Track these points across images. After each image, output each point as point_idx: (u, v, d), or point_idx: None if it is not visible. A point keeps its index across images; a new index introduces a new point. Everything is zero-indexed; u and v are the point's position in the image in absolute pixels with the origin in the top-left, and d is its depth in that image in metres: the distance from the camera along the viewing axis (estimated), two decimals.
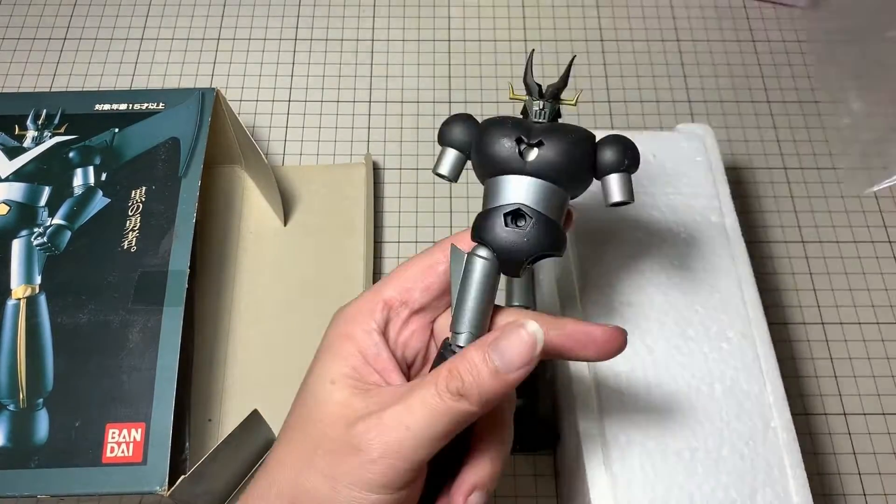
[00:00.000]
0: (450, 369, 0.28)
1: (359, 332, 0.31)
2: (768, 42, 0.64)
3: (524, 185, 0.30)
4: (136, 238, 0.45)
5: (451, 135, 0.32)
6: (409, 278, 0.32)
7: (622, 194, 0.30)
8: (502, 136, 0.30)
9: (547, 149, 0.29)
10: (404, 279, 0.32)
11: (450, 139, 0.32)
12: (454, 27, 0.64)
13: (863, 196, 0.56)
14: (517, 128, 0.30)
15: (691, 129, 0.47)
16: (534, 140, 0.30)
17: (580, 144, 0.30)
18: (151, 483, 0.38)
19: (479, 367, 0.28)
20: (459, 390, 0.27)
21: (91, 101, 0.50)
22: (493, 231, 0.29)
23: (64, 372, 0.41)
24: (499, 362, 0.28)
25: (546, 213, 0.29)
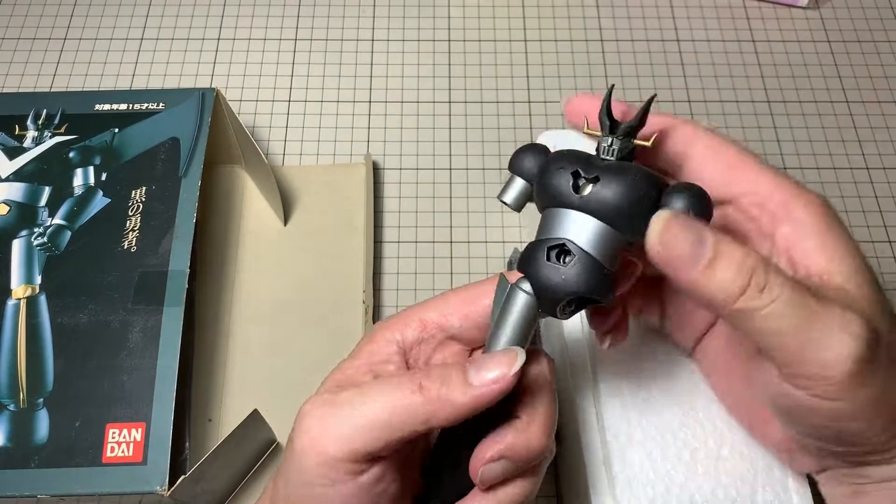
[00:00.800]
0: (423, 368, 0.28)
1: (380, 339, 0.30)
2: (768, 42, 0.64)
3: (574, 220, 0.28)
4: (136, 238, 0.45)
5: (520, 163, 0.30)
6: (451, 304, 0.30)
7: None
8: (560, 168, 0.28)
9: (602, 185, 0.27)
10: (446, 304, 0.31)
11: (518, 167, 0.30)
12: (454, 27, 0.64)
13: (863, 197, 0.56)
14: (578, 161, 0.28)
15: None
16: (591, 175, 0.28)
17: (639, 185, 0.27)
18: (151, 483, 0.38)
19: (449, 371, 0.27)
20: (422, 382, 0.27)
21: (91, 101, 0.50)
22: (535, 264, 0.28)
23: (64, 372, 0.41)
24: (472, 371, 0.27)
25: (593, 252, 0.27)
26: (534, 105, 0.60)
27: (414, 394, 0.26)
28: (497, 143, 0.58)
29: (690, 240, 0.25)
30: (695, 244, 0.25)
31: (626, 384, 0.38)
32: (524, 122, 0.59)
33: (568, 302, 0.28)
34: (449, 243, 0.54)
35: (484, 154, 0.58)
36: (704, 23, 0.65)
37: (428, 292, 0.52)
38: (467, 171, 0.57)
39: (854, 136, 0.59)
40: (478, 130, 0.59)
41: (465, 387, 0.26)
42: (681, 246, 0.25)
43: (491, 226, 0.55)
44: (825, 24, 0.64)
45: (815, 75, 0.62)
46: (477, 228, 0.55)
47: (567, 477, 0.44)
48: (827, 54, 0.63)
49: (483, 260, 0.53)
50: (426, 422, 0.26)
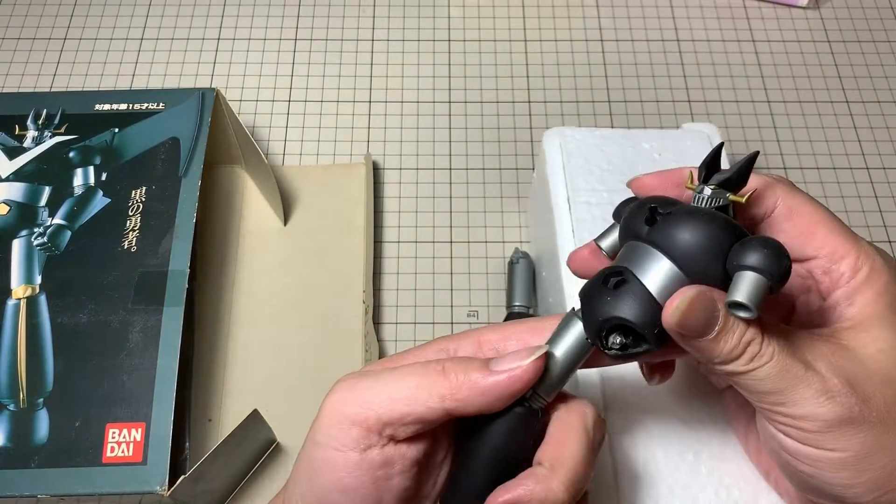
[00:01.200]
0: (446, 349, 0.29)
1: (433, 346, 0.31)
2: (768, 42, 0.64)
3: (639, 251, 0.27)
4: (136, 238, 0.45)
5: (621, 210, 0.30)
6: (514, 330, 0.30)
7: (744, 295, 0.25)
8: (643, 204, 0.28)
9: (672, 219, 0.26)
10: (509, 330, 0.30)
11: (618, 214, 0.30)
12: (454, 27, 0.64)
13: (863, 197, 0.56)
14: (664, 203, 0.27)
15: (697, 127, 0.47)
16: (666, 210, 0.27)
17: (710, 227, 0.26)
18: (151, 483, 0.38)
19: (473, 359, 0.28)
20: (445, 365, 0.27)
21: (91, 101, 0.50)
22: (588, 288, 0.28)
23: (64, 372, 0.41)
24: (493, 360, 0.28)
25: (648, 284, 0.26)
26: (534, 105, 0.60)
27: (437, 373, 0.27)
28: (497, 143, 0.58)
29: (703, 317, 0.26)
30: (706, 320, 0.26)
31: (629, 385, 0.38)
32: (524, 122, 0.59)
33: (613, 332, 0.27)
34: (449, 243, 0.54)
35: (484, 154, 0.58)
36: (704, 23, 0.65)
37: (428, 292, 0.52)
38: (467, 171, 0.57)
39: (854, 136, 0.59)
40: (478, 130, 0.59)
41: (485, 371, 0.27)
42: (694, 324, 0.26)
43: (491, 226, 0.55)
44: (825, 24, 0.65)
45: (815, 75, 0.62)
46: (477, 228, 0.55)
47: None
48: (827, 54, 0.63)
49: (483, 260, 0.53)
50: (443, 398, 0.27)
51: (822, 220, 0.30)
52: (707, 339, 0.26)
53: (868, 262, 0.29)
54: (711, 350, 0.27)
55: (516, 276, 0.50)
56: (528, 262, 0.51)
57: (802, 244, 0.30)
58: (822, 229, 0.30)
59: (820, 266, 0.30)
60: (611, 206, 0.31)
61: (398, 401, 0.27)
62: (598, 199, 0.43)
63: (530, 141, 0.58)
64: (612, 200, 0.43)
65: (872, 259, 0.29)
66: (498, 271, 0.53)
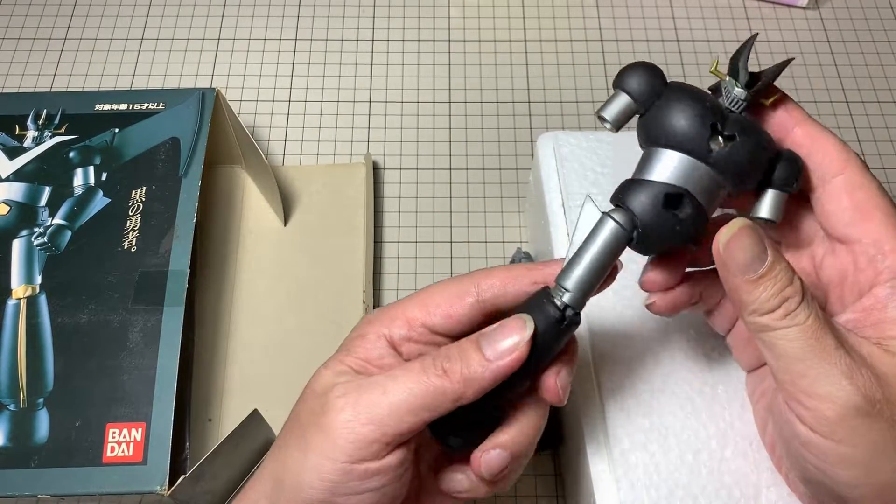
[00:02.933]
0: (440, 350, 0.29)
1: (371, 335, 0.31)
2: (768, 42, 0.64)
3: (700, 173, 0.28)
4: (136, 238, 0.45)
5: (632, 81, 0.29)
6: (435, 301, 0.31)
7: (774, 213, 0.29)
8: (697, 115, 0.27)
9: (739, 146, 0.27)
10: (430, 301, 0.31)
11: (628, 85, 0.29)
12: (454, 27, 0.64)
13: None
14: (714, 112, 0.28)
15: None
16: (728, 131, 0.27)
17: (767, 152, 0.28)
18: (151, 483, 0.38)
19: (467, 350, 0.28)
20: (444, 366, 0.28)
21: (91, 101, 0.50)
22: (647, 206, 0.28)
23: (64, 372, 0.41)
24: (486, 346, 0.28)
25: (707, 206, 0.28)
26: (534, 105, 0.60)
27: (441, 378, 0.28)
28: (497, 143, 0.58)
29: (750, 253, 0.27)
30: (752, 258, 0.27)
31: (629, 387, 0.38)
32: (524, 122, 0.59)
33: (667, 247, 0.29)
34: (449, 243, 0.54)
35: (484, 154, 0.58)
36: (704, 23, 0.65)
37: None
38: (467, 171, 0.57)
39: (854, 136, 0.59)
40: (478, 130, 0.59)
41: (484, 362, 0.28)
42: (741, 255, 0.27)
43: (491, 226, 0.55)
44: (825, 24, 0.65)
45: (815, 75, 0.62)
46: (477, 228, 0.55)
47: (570, 478, 0.44)
48: (827, 54, 0.63)
49: (483, 260, 0.53)
50: (456, 401, 0.28)
51: (883, 206, 0.29)
52: (749, 278, 0.27)
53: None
54: (750, 293, 0.27)
55: None
56: (530, 262, 0.51)
57: (853, 222, 0.29)
58: (878, 214, 0.29)
59: (865, 252, 0.29)
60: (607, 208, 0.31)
61: (411, 413, 0.28)
62: None
63: (530, 141, 0.58)
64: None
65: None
66: None
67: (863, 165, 0.30)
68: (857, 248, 0.29)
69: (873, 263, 0.28)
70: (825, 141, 0.30)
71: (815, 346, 0.26)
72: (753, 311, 0.27)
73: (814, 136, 0.30)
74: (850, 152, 0.30)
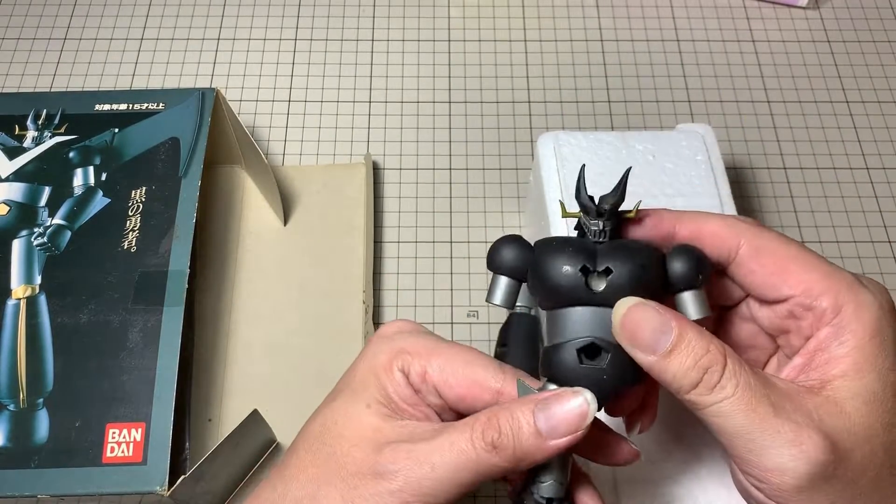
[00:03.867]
0: (489, 417, 0.27)
1: (397, 372, 0.30)
2: (768, 42, 0.64)
3: (595, 316, 0.27)
4: (136, 238, 0.45)
5: (502, 261, 0.29)
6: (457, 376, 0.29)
7: (699, 311, 0.28)
8: (565, 265, 0.27)
9: (617, 276, 0.27)
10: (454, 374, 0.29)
11: (500, 266, 0.29)
12: (454, 27, 0.64)
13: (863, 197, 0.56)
14: (581, 253, 0.27)
15: (692, 128, 0.47)
16: (601, 267, 0.27)
17: (651, 267, 0.27)
18: (151, 483, 0.38)
19: (520, 423, 0.26)
20: (494, 442, 0.26)
21: (91, 101, 0.50)
22: (568, 369, 0.27)
23: (64, 372, 0.41)
24: (543, 424, 0.26)
25: None
26: (534, 105, 0.60)
27: (489, 454, 0.26)
28: (497, 143, 0.58)
29: (650, 328, 0.26)
30: (655, 333, 0.26)
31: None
32: (524, 122, 0.59)
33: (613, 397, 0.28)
34: (449, 243, 0.54)
35: (484, 154, 0.58)
36: (704, 23, 0.65)
37: (428, 292, 0.52)
38: (467, 171, 0.57)
39: (854, 136, 0.59)
40: (478, 130, 0.59)
41: (539, 441, 0.26)
42: (642, 334, 0.26)
43: (491, 226, 0.55)
44: (825, 24, 0.65)
45: (815, 75, 0.62)
46: (477, 228, 0.55)
47: None
48: (827, 54, 0.63)
49: (483, 260, 0.53)
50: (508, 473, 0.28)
51: (794, 255, 0.28)
52: (659, 357, 0.26)
53: (851, 297, 0.27)
54: (666, 370, 0.26)
55: None
56: None
57: (775, 284, 0.28)
58: (794, 266, 0.28)
59: (799, 304, 0.28)
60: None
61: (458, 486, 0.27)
62: None
63: (530, 141, 0.58)
64: None
65: (857, 293, 0.27)
66: None
67: (754, 227, 0.29)
68: (791, 303, 0.28)
69: (811, 310, 0.28)
70: (708, 226, 0.29)
71: (752, 417, 0.25)
72: (678, 389, 0.26)
73: (695, 227, 0.29)
74: (737, 222, 0.29)
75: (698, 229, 0.29)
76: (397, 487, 0.27)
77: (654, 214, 0.30)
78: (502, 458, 0.26)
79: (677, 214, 0.30)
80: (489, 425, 0.26)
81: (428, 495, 0.27)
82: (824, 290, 0.27)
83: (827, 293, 0.27)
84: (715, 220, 0.29)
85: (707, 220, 0.29)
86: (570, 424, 0.26)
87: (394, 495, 0.27)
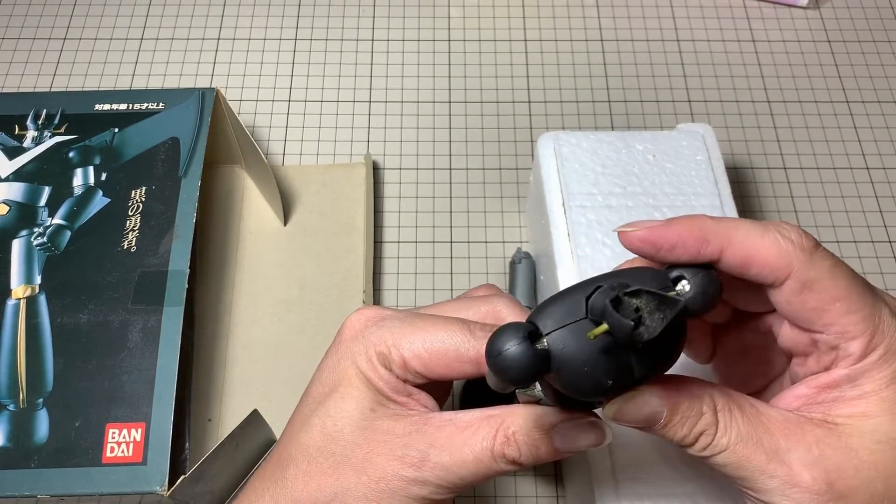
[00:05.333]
0: (507, 437, 0.28)
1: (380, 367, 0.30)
2: (768, 42, 0.64)
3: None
4: (136, 238, 0.45)
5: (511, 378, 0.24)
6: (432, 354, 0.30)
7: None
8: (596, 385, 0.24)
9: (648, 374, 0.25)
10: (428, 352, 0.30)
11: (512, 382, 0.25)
12: (454, 27, 0.64)
13: (863, 197, 0.56)
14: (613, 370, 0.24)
15: (692, 128, 0.47)
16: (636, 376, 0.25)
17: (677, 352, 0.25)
18: (151, 483, 0.38)
19: (538, 444, 0.28)
20: (516, 460, 0.28)
21: (91, 101, 0.50)
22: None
23: (64, 372, 0.41)
24: (561, 444, 0.28)
25: None
26: (534, 105, 0.60)
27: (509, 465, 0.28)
28: (497, 143, 0.58)
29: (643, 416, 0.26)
30: (647, 417, 0.26)
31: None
32: (524, 122, 0.59)
33: None
34: (449, 243, 0.54)
35: (484, 154, 0.58)
36: (704, 23, 0.65)
37: (428, 292, 0.52)
38: (467, 171, 0.57)
39: (854, 136, 0.59)
40: (478, 130, 0.59)
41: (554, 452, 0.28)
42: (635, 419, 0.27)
43: (491, 226, 0.55)
44: (825, 24, 0.65)
45: (815, 75, 0.62)
46: (477, 228, 0.55)
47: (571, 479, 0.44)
48: (827, 54, 0.63)
49: (483, 260, 0.53)
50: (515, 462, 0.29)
51: (839, 296, 0.26)
52: (657, 430, 0.27)
53: (884, 342, 0.26)
54: (664, 436, 0.27)
55: (518, 276, 0.50)
56: (530, 262, 0.51)
57: (811, 319, 0.27)
58: (836, 308, 0.26)
59: (826, 342, 0.27)
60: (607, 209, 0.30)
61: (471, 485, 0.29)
62: (592, 203, 0.43)
63: (530, 141, 0.58)
64: (608, 203, 0.43)
65: (890, 338, 0.26)
66: (498, 271, 0.53)
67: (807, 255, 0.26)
68: (820, 337, 0.27)
69: (836, 350, 0.27)
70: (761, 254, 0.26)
71: (746, 465, 0.26)
72: (677, 445, 0.27)
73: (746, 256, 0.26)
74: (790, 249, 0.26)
75: (748, 258, 0.27)
76: (428, 492, 0.29)
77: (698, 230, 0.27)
78: (524, 466, 0.29)
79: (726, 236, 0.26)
80: (508, 444, 0.28)
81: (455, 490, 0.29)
82: (858, 334, 0.26)
83: (861, 337, 0.26)
84: (768, 246, 0.26)
85: (759, 248, 0.26)
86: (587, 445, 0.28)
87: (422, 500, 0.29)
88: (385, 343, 0.30)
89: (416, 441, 0.29)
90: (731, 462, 0.26)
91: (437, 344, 0.30)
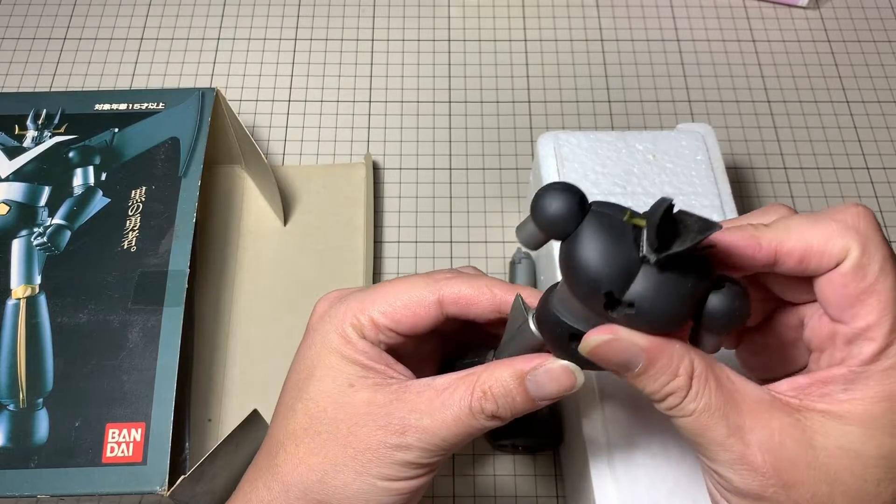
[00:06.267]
0: (484, 392, 0.29)
1: (354, 337, 0.32)
2: (768, 42, 0.64)
3: None
4: (136, 238, 0.45)
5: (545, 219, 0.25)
6: (397, 308, 0.32)
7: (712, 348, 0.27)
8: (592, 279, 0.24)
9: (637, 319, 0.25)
10: (393, 306, 0.32)
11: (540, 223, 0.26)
12: (454, 27, 0.64)
13: (863, 197, 0.56)
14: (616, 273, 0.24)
15: (692, 128, 0.47)
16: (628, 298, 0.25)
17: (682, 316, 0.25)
18: (151, 483, 0.38)
19: (513, 394, 0.29)
20: (494, 413, 0.29)
21: (91, 101, 0.50)
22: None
23: (64, 372, 0.41)
24: (534, 391, 0.29)
25: None
26: (534, 105, 0.60)
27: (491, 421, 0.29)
28: (497, 143, 0.58)
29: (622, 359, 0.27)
30: (626, 361, 0.27)
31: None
32: (524, 122, 0.59)
33: None
34: (449, 243, 0.54)
35: (484, 154, 0.58)
36: (704, 23, 0.65)
37: None
38: (467, 171, 0.57)
39: (854, 136, 0.59)
40: (478, 130, 0.59)
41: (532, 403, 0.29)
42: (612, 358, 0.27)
43: (491, 226, 0.55)
44: (825, 24, 0.65)
45: (815, 75, 0.62)
46: (477, 228, 0.55)
47: (571, 477, 0.44)
48: (827, 54, 0.63)
49: (483, 260, 0.53)
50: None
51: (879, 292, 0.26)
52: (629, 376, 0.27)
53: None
54: (634, 385, 0.27)
55: (518, 276, 0.50)
56: (530, 262, 0.51)
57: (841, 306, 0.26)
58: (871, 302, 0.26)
59: (845, 336, 0.27)
60: None
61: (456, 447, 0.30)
62: None
63: (530, 141, 0.58)
64: None
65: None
66: (498, 271, 0.53)
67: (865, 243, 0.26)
68: (843, 328, 0.27)
69: (849, 346, 0.27)
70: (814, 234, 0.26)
71: (705, 433, 0.26)
72: (648, 397, 0.28)
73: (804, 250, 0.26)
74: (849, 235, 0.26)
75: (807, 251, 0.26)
76: (414, 457, 0.29)
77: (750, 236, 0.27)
78: (503, 420, 0.30)
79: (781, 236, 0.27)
80: (486, 398, 0.29)
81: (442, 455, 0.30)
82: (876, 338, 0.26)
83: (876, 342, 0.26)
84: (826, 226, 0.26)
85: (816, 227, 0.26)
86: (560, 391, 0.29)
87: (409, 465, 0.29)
88: (353, 313, 0.32)
89: (397, 409, 0.30)
90: (691, 428, 0.27)
91: (402, 297, 0.31)
